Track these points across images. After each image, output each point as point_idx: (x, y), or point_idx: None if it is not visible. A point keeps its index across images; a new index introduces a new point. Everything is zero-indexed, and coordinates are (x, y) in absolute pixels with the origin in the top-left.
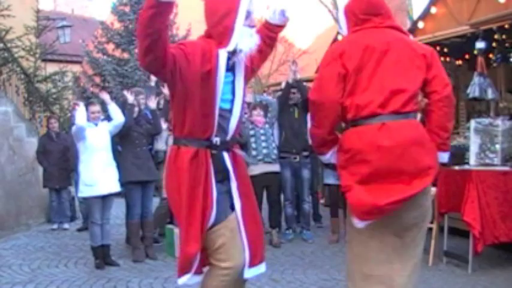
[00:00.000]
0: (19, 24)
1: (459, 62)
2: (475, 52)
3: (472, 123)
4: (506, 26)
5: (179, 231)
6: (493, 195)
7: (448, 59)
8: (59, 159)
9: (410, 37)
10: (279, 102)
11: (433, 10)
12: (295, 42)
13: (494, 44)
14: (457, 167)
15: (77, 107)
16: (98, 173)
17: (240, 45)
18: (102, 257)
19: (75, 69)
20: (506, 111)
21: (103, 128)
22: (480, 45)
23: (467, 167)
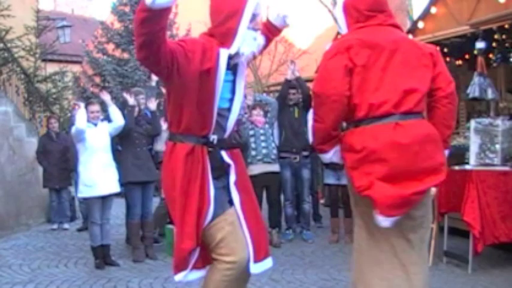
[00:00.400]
0: (19, 24)
1: (459, 62)
2: (475, 52)
3: (472, 123)
4: (506, 26)
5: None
6: (493, 195)
7: (448, 59)
8: (59, 159)
9: (410, 36)
10: (278, 102)
11: (433, 10)
12: (295, 42)
13: (494, 44)
14: (457, 167)
15: (76, 107)
16: (98, 173)
17: (242, 49)
18: (102, 257)
19: (75, 69)
20: (506, 111)
21: (103, 128)
22: (480, 45)
23: (467, 167)
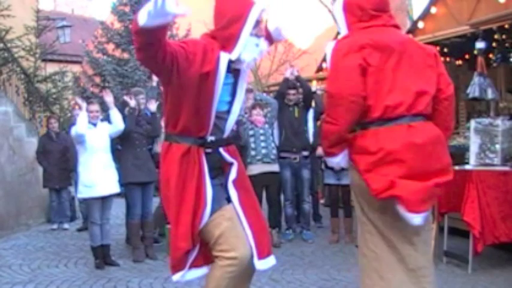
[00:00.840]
0: (19, 24)
1: (459, 62)
2: (475, 52)
3: (472, 123)
4: (506, 26)
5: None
6: (493, 195)
7: (448, 59)
8: (59, 159)
9: (410, 37)
10: (277, 99)
11: (433, 10)
12: (295, 43)
13: (494, 44)
14: (457, 167)
15: (77, 107)
16: (97, 174)
17: (243, 55)
18: (102, 257)
19: (75, 69)
20: (506, 111)
21: (102, 129)
22: (480, 45)
23: (467, 167)
